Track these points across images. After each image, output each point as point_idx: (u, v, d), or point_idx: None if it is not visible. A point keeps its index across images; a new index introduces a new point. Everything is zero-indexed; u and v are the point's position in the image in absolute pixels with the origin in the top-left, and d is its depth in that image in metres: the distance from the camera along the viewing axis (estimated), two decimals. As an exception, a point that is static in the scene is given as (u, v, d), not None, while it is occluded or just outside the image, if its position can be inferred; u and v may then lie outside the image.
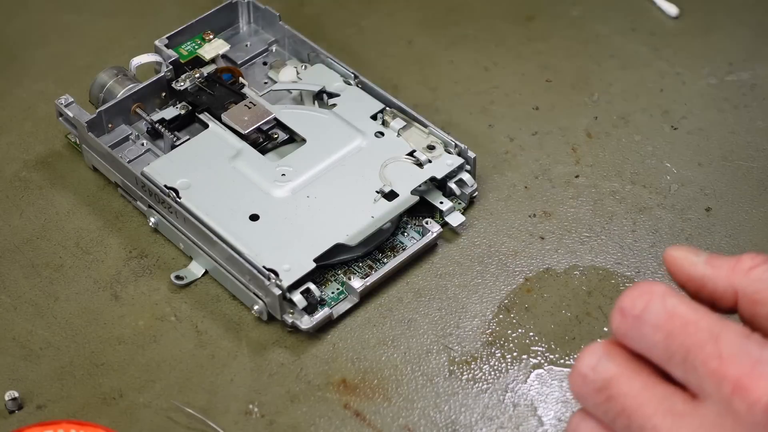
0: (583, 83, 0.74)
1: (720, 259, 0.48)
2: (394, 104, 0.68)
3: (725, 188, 0.68)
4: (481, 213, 0.67)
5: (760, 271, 0.47)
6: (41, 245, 0.66)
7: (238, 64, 0.72)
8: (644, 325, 0.45)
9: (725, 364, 0.43)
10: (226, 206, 0.64)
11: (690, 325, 0.45)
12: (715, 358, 0.44)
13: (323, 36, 0.77)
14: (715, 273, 0.48)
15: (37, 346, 0.61)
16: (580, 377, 0.46)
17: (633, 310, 0.45)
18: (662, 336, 0.45)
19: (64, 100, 0.68)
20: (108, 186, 0.68)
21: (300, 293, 0.61)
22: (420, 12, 0.79)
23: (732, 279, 0.47)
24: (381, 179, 0.65)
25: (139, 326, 0.62)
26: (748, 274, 0.47)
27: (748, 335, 0.44)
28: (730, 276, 0.47)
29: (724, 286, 0.47)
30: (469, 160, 0.66)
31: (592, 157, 0.70)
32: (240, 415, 0.58)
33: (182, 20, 0.72)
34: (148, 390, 0.59)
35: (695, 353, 0.44)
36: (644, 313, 0.45)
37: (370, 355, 0.61)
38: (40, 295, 0.64)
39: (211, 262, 0.63)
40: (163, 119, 0.69)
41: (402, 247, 0.65)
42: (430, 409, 0.59)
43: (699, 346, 0.44)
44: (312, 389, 0.59)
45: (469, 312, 0.63)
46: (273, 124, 0.68)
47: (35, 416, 0.58)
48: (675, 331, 0.45)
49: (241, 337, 0.62)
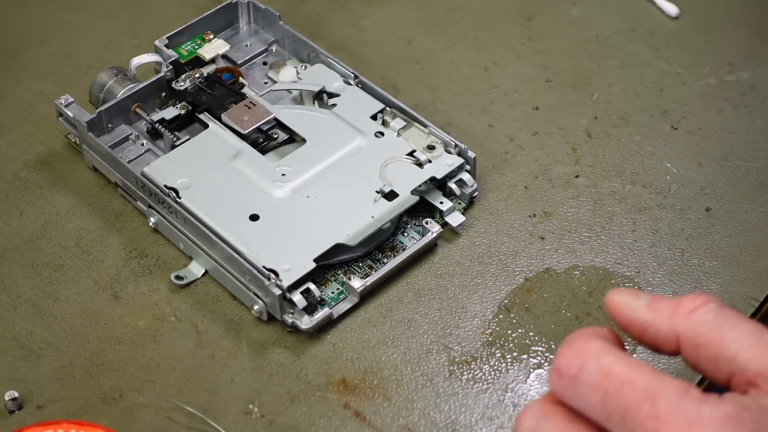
0: (583, 83, 0.74)
1: (661, 302, 0.47)
2: (394, 104, 0.68)
3: (725, 188, 0.68)
4: (481, 213, 0.67)
5: (701, 314, 0.46)
6: (41, 245, 0.66)
7: (238, 64, 0.72)
8: (580, 385, 0.45)
9: (662, 425, 0.43)
10: (226, 206, 0.64)
11: (626, 385, 0.44)
12: (653, 419, 0.43)
13: (323, 36, 0.77)
14: (656, 317, 0.47)
15: (37, 346, 0.61)
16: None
17: (569, 370, 0.45)
18: (599, 396, 0.44)
19: (64, 100, 0.68)
20: (108, 186, 0.68)
21: (300, 293, 0.61)
22: (420, 12, 0.79)
23: (673, 323, 0.47)
24: (381, 179, 0.65)
25: (139, 326, 0.62)
26: (689, 317, 0.47)
27: (684, 392, 0.44)
28: (671, 320, 0.47)
29: (666, 331, 0.47)
30: (469, 160, 0.66)
31: (592, 157, 0.70)
32: (240, 415, 0.58)
33: (182, 20, 0.72)
34: (148, 390, 0.59)
35: (632, 414, 0.44)
36: (580, 372, 0.45)
37: (370, 355, 0.61)
38: (40, 295, 0.64)
39: (211, 262, 0.63)
40: (163, 119, 0.69)
41: (402, 247, 0.65)
42: (430, 409, 0.59)
43: (636, 406, 0.44)
44: (312, 389, 0.59)
45: (469, 312, 0.63)
46: (273, 124, 0.68)
47: (35, 416, 0.58)
48: (611, 391, 0.44)
49: (241, 337, 0.62)
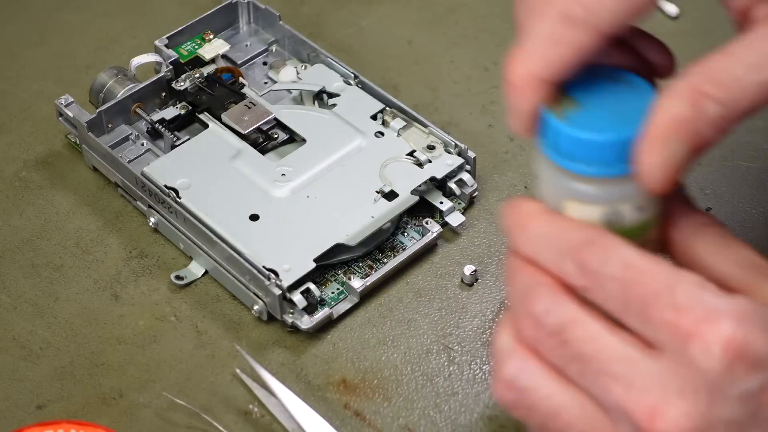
0: (583, 83, 0.74)
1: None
2: (394, 104, 0.68)
3: (725, 188, 0.68)
4: (481, 213, 0.67)
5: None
6: (41, 245, 0.66)
7: (238, 64, 0.72)
8: (601, 277, 0.45)
9: (680, 314, 0.43)
10: (226, 206, 0.64)
11: (646, 275, 0.44)
12: (671, 308, 0.43)
13: (323, 36, 0.77)
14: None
15: (37, 346, 0.61)
16: (532, 320, 0.45)
17: (591, 264, 0.45)
18: (619, 287, 0.44)
19: (64, 100, 0.68)
20: (108, 186, 0.68)
21: (300, 293, 0.61)
22: (420, 12, 0.79)
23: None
24: (381, 179, 0.65)
25: (139, 326, 0.62)
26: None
27: (702, 285, 0.44)
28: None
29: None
30: (469, 160, 0.66)
31: (592, 157, 0.70)
32: (240, 415, 0.58)
33: (182, 20, 0.72)
34: (148, 390, 0.59)
35: (651, 303, 0.44)
36: (602, 266, 0.45)
37: (370, 355, 0.61)
38: (40, 295, 0.64)
39: (211, 262, 0.63)
40: (163, 119, 0.69)
41: (402, 247, 0.65)
42: (430, 409, 0.59)
43: (655, 296, 0.44)
44: (312, 389, 0.59)
45: (469, 312, 0.63)
46: (273, 124, 0.68)
47: (35, 416, 0.58)
48: (631, 282, 0.44)
49: (241, 337, 0.62)
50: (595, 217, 0.46)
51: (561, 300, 0.45)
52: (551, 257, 0.46)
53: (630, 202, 0.46)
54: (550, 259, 0.46)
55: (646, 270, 0.44)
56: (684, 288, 0.44)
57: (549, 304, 0.45)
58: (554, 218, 0.47)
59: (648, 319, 0.44)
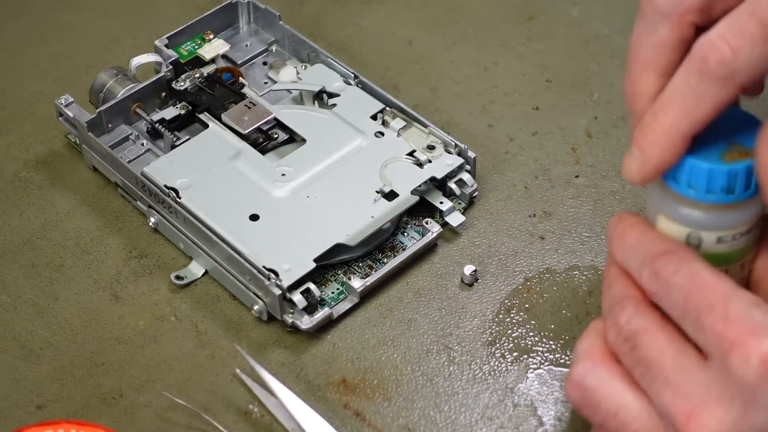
0: (583, 83, 0.74)
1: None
2: (394, 104, 0.68)
3: (725, 188, 0.68)
4: (481, 213, 0.67)
5: None
6: (41, 245, 0.66)
7: (238, 64, 0.72)
8: (670, 285, 0.48)
9: (729, 326, 0.46)
10: (226, 206, 0.64)
11: (707, 288, 0.47)
12: (722, 319, 0.46)
13: (323, 36, 0.77)
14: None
15: (37, 346, 0.61)
16: (615, 327, 0.50)
17: (665, 273, 0.49)
18: (683, 295, 0.48)
19: (64, 100, 0.68)
20: (108, 186, 0.68)
21: (300, 293, 0.61)
22: (420, 12, 0.79)
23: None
24: (381, 179, 0.65)
25: (139, 326, 0.62)
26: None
27: (756, 304, 0.47)
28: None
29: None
30: (469, 160, 0.66)
31: (592, 157, 0.70)
32: (240, 415, 0.58)
33: (182, 20, 0.72)
34: (148, 390, 0.59)
35: (705, 314, 0.47)
36: (673, 275, 0.48)
37: (370, 355, 0.61)
38: (40, 295, 0.64)
39: (211, 262, 0.63)
40: (163, 119, 0.69)
41: (402, 247, 0.65)
42: (430, 409, 0.59)
43: (710, 307, 0.47)
44: (312, 389, 0.59)
45: (469, 312, 0.63)
46: (273, 124, 0.68)
47: (35, 416, 0.58)
48: (694, 292, 0.48)
49: (241, 337, 0.62)
50: (678, 235, 0.51)
51: (641, 311, 0.50)
52: (635, 264, 0.50)
53: (710, 232, 0.50)
54: (634, 265, 0.50)
55: (708, 282, 0.48)
56: (738, 303, 0.47)
57: (630, 315, 0.50)
58: (646, 230, 0.51)
59: (701, 328, 0.47)
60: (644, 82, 0.51)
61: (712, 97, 0.48)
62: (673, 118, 0.49)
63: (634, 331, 0.50)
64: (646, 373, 0.49)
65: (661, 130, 0.49)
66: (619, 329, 0.50)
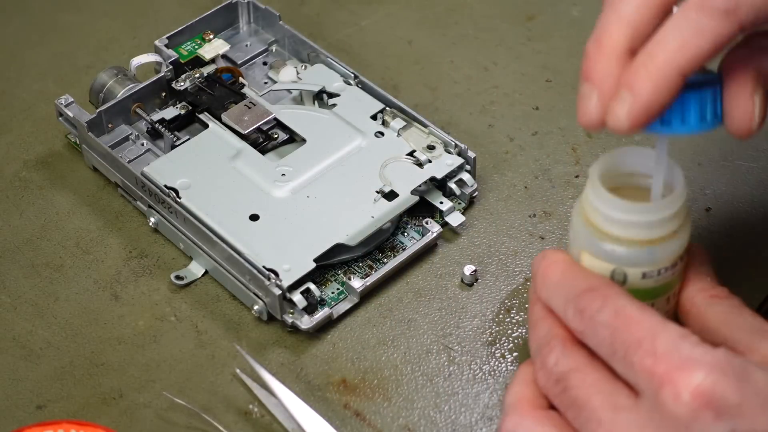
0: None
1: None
2: (394, 104, 0.68)
3: (725, 188, 0.68)
4: (481, 213, 0.67)
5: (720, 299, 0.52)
6: (41, 245, 0.66)
7: (238, 64, 0.72)
8: (597, 323, 0.48)
9: (657, 361, 0.46)
10: (226, 206, 0.64)
11: (633, 324, 0.47)
12: (650, 355, 0.46)
13: (323, 36, 0.77)
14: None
15: (37, 346, 0.61)
16: (544, 370, 0.50)
17: (590, 311, 0.48)
18: (609, 332, 0.47)
19: (64, 100, 0.68)
20: (108, 186, 0.68)
21: (300, 293, 0.61)
22: (420, 12, 0.79)
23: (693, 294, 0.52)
24: (381, 179, 0.65)
25: (139, 326, 0.62)
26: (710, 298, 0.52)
27: (683, 337, 0.46)
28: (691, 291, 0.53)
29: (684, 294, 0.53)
30: (469, 160, 0.66)
31: (592, 157, 0.70)
32: (240, 415, 0.58)
33: (182, 20, 0.72)
34: (148, 390, 0.59)
35: (633, 350, 0.46)
36: (598, 313, 0.48)
37: (370, 355, 0.61)
38: (40, 295, 0.64)
39: (211, 262, 0.63)
40: (163, 119, 0.69)
41: (402, 247, 0.65)
42: (430, 409, 0.59)
43: (638, 343, 0.46)
44: (312, 389, 0.59)
45: (469, 312, 0.63)
46: (273, 124, 0.68)
47: (35, 416, 0.58)
48: (620, 329, 0.47)
49: (241, 337, 0.62)
50: (603, 271, 0.51)
51: (569, 351, 0.49)
52: (559, 302, 0.50)
53: (635, 268, 0.50)
54: (558, 304, 0.50)
55: (634, 318, 0.47)
56: (665, 337, 0.46)
57: (558, 356, 0.49)
58: (570, 267, 0.50)
59: (630, 365, 0.47)
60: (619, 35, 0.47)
61: (712, 31, 0.45)
62: (670, 52, 0.45)
63: (563, 373, 0.49)
64: (579, 415, 0.48)
65: (655, 67, 0.46)
66: (549, 372, 0.50)
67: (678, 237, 0.51)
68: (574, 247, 0.52)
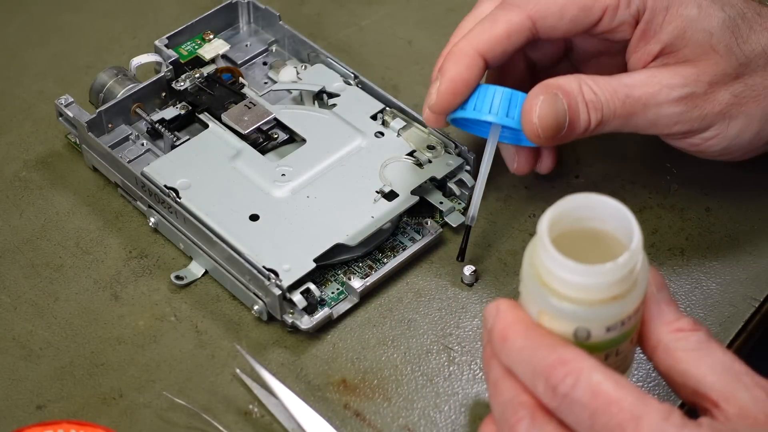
0: (583, 83, 0.74)
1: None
2: (394, 104, 0.68)
3: (725, 188, 0.68)
4: (481, 213, 0.67)
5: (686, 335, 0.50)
6: (41, 245, 0.66)
7: (238, 64, 0.72)
8: (572, 402, 0.47)
9: None
10: (226, 206, 0.64)
11: (613, 405, 0.46)
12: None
13: (323, 36, 0.77)
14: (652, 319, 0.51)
15: (37, 346, 0.61)
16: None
17: (564, 389, 0.47)
18: (587, 414, 0.46)
19: (64, 100, 0.68)
20: (108, 186, 0.68)
21: (300, 293, 0.61)
22: (420, 12, 0.79)
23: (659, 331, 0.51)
24: (381, 179, 0.65)
25: (139, 326, 0.62)
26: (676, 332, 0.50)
27: (667, 417, 0.46)
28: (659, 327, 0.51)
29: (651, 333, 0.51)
30: (469, 160, 0.66)
31: (592, 157, 0.70)
32: (240, 415, 0.58)
33: (182, 20, 0.73)
34: (148, 390, 0.59)
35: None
36: (572, 390, 0.47)
37: (370, 355, 0.61)
38: (40, 295, 0.64)
39: (211, 262, 0.63)
40: (163, 119, 0.69)
41: (402, 247, 0.65)
42: (430, 409, 0.59)
43: (621, 427, 0.46)
44: (312, 389, 0.59)
45: (469, 312, 0.63)
46: (273, 124, 0.68)
47: (35, 416, 0.58)
48: (599, 410, 0.46)
49: (241, 337, 0.62)
50: (565, 331, 0.49)
51: (539, 422, 0.48)
52: (526, 373, 0.48)
53: (598, 323, 0.49)
54: (524, 374, 0.48)
55: (613, 398, 0.46)
56: (649, 420, 0.46)
57: (528, 426, 0.48)
58: (530, 331, 0.49)
59: None
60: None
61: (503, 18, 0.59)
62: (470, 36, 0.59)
63: None
64: None
65: (458, 48, 0.59)
66: None
67: (638, 284, 0.49)
68: (531, 304, 0.50)
